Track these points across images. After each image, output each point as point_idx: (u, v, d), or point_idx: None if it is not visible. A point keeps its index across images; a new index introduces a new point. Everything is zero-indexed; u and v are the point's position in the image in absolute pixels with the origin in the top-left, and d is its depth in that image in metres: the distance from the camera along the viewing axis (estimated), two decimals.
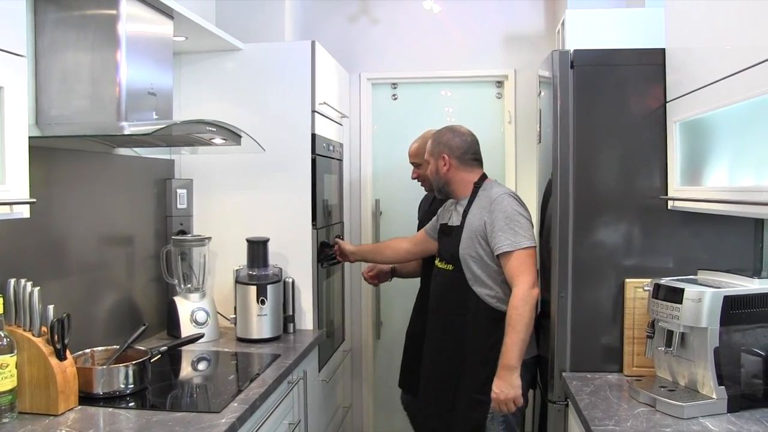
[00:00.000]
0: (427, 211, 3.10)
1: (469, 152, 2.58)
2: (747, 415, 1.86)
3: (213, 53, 3.05)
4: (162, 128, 1.96)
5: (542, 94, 2.70)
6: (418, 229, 3.02)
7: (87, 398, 1.94)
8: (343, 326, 3.85)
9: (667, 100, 2.22)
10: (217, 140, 2.39)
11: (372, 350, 4.09)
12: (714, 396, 1.88)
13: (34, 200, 1.58)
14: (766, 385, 1.90)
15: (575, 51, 2.32)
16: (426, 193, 3.21)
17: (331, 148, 3.41)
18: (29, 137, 1.62)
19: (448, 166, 2.56)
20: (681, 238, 2.27)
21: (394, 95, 4.05)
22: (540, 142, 2.78)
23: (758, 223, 2.23)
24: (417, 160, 2.98)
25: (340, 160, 3.72)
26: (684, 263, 2.23)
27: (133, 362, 2.04)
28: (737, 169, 1.86)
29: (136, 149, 2.71)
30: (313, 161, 3.04)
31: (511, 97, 3.86)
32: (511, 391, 2.33)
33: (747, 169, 1.79)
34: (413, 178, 3.07)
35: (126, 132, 2.01)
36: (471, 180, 2.58)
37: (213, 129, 2.13)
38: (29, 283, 1.83)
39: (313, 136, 3.03)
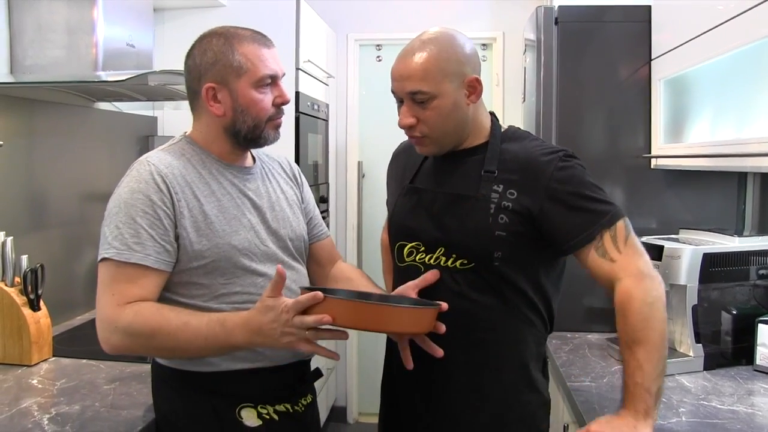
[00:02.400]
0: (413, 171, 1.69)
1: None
2: (722, 372, 1.87)
3: (195, 9, 3.00)
4: (136, 76, 1.93)
5: (527, 54, 2.67)
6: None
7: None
8: None
9: (652, 57, 2.19)
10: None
11: None
12: (691, 354, 1.88)
13: (1, 143, 1.55)
14: (739, 343, 1.90)
15: (560, 7, 2.29)
16: (402, 144, 1.81)
17: (316, 107, 3.37)
18: (1, 83, 1.58)
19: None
20: (664, 197, 2.27)
21: (378, 57, 4.00)
22: (524, 101, 2.76)
23: (741, 182, 2.23)
24: (425, 86, 1.44)
25: (326, 120, 3.68)
26: (667, 223, 2.22)
27: None
28: (719, 123, 1.84)
29: (116, 104, 2.67)
30: (297, 119, 3.00)
31: (500, 59, 3.81)
32: None
33: (728, 123, 1.77)
34: (406, 126, 1.50)
35: (101, 79, 1.99)
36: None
37: None
38: (2, 233, 1.81)
39: (297, 93, 2.99)
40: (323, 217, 3.57)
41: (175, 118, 3.03)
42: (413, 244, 1.54)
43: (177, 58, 2.90)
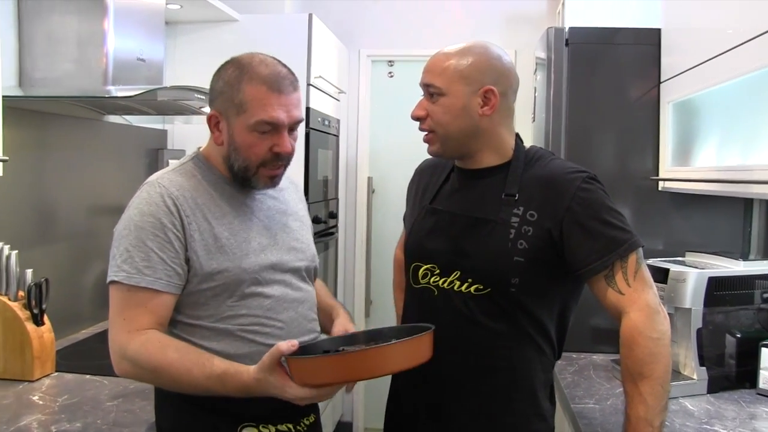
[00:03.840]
0: (434, 191, 1.65)
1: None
2: (726, 396, 1.86)
3: (209, 23, 3.03)
4: (146, 92, 1.95)
5: (537, 73, 2.67)
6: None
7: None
8: None
9: (661, 80, 2.19)
10: (207, 109, 2.37)
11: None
12: (695, 377, 1.86)
13: (7, 158, 1.57)
14: (743, 367, 1.89)
15: (570, 28, 2.30)
16: (427, 161, 1.76)
17: (327, 122, 3.39)
18: (8, 96, 1.60)
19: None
20: (671, 220, 2.26)
21: (390, 73, 4.02)
22: (534, 121, 2.76)
23: (747, 206, 2.22)
24: (437, 80, 1.48)
25: (337, 135, 3.70)
26: (674, 245, 2.21)
27: None
28: (725, 149, 1.84)
29: (126, 117, 2.70)
30: (307, 135, 3.02)
31: None
32: None
33: (734, 148, 1.77)
34: (415, 116, 1.52)
35: (111, 95, 2.00)
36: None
37: (202, 97, 2.11)
38: (6, 246, 1.82)
39: (308, 109, 3.01)
40: (332, 233, 3.61)
41: (186, 132, 3.05)
42: (428, 266, 1.53)
43: (188, 73, 2.96)
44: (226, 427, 1.42)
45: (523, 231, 1.42)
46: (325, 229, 3.45)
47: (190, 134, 3.04)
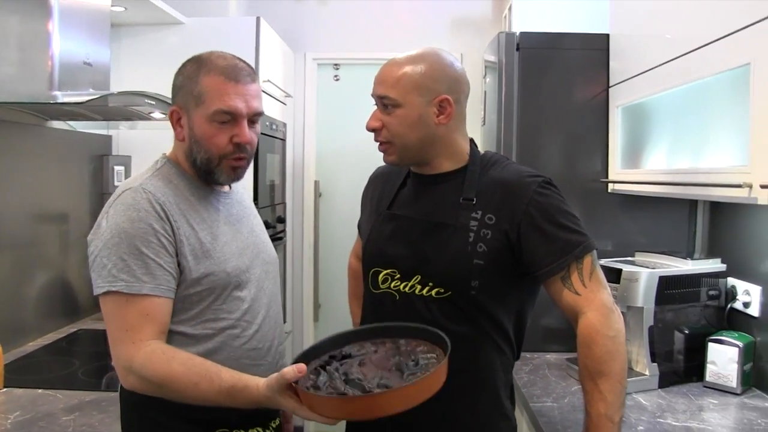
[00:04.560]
0: (391, 197, 1.64)
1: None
2: (675, 390, 1.94)
3: (154, 26, 2.96)
4: (97, 98, 1.89)
5: (487, 77, 2.71)
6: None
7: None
8: (284, 308, 3.82)
9: (610, 84, 2.26)
10: (157, 114, 2.33)
11: (312, 333, 4.07)
12: (647, 372, 1.93)
13: None
14: (691, 362, 1.97)
15: (521, 33, 2.34)
16: (381, 168, 1.75)
17: (275, 127, 3.36)
18: None
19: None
20: (620, 221, 2.33)
21: (336, 76, 4.02)
22: (484, 124, 2.80)
23: (692, 207, 2.30)
24: (392, 92, 1.46)
25: (284, 139, 3.67)
26: (622, 246, 2.28)
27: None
28: (675, 152, 1.91)
29: (70, 123, 2.61)
30: None
31: None
32: None
33: (684, 152, 1.84)
34: (370, 128, 1.52)
35: (59, 101, 1.92)
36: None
37: (152, 102, 2.07)
38: None
39: None
40: (280, 238, 3.58)
41: (131, 138, 2.97)
42: (389, 271, 1.53)
43: (134, 77, 2.90)
44: None
45: (482, 234, 1.44)
46: (273, 233, 3.42)
47: (135, 140, 2.97)
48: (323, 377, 1.26)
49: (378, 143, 1.53)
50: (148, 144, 2.97)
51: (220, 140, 1.40)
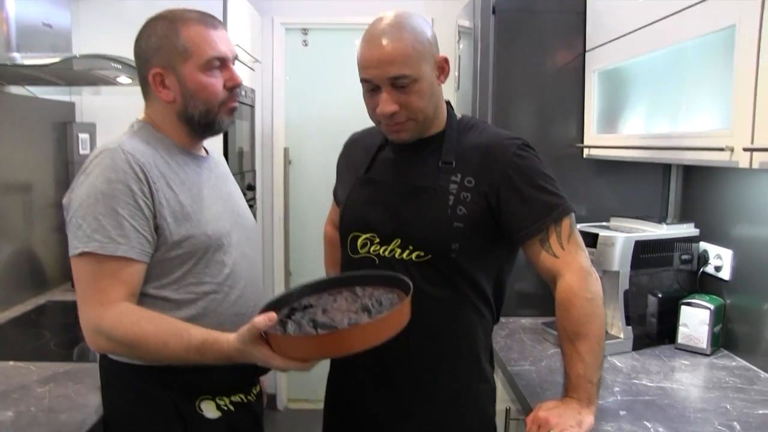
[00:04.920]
0: (368, 162, 1.62)
1: None
2: (648, 352, 1.97)
3: None
4: (61, 61, 1.82)
5: (461, 42, 2.68)
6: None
7: None
8: None
9: (587, 49, 2.25)
10: (123, 79, 2.25)
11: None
12: (621, 336, 1.96)
13: None
14: (663, 324, 2.00)
15: None
16: (356, 134, 1.75)
17: (243, 93, 3.28)
18: None
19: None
20: (594, 186, 2.34)
21: (304, 41, 3.94)
22: (458, 89, 2.78)
23: (666, 172, 2.32)
24: (407, 69, 1.39)
25: (252, 106, 3.60)
26: (597, 211, 2.29)
27: None
28: (653, 117, 1.91)
29: (30, 88, 2.51)
30: None
31: None
32: None
33: (663, 116, 1.84)
34: (391, 113, 1.42)
35: (18, 62, 1.84)
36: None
37: (118, 66, 1.99)
38: None
39: None
40: (250, 206, 3.53)
41: (94, 104, 2.87)
42: (368, 235, 1.52)
43: (96, 40, 2.79)
44: (183, 401, 1.41)
45: (462, 197, 1.44)
46: None
47: (100, 107, 2.87)
48: (291, 326, 1.25)
49: (385, 123, 1.46)
50: (113, 111, 2.85)
51: (216, 87, 1.41)
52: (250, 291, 1.50)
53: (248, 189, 3.49)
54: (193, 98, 1.40)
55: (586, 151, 2.28)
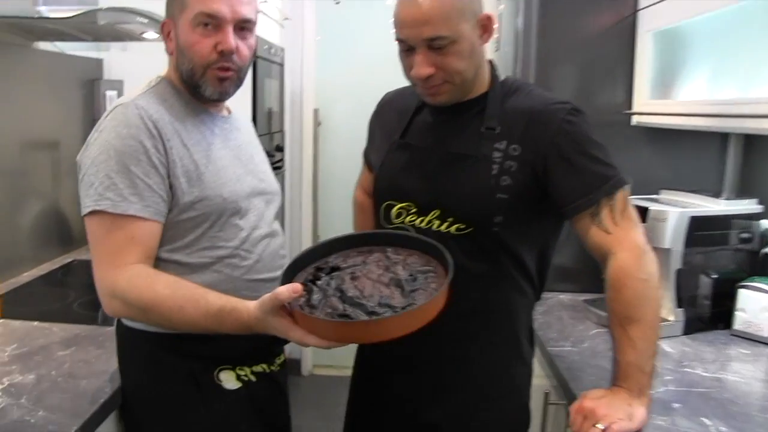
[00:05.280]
0: (403, 126, 1.50)
1: None
2: (701, 337, 1.84)
3: None
4: (84, 13, 1.74)
5: (503, 1, 2.54)
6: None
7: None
8: None
9: (639, 7, 2.09)
10: (149, 35, 2.16)
11: None
12: (671, 318, 1.84)
13: None
14: (718, 308, 1.87)
15: None
16: (390, 93, 1.62)
17: (272, 51, 3.18)
18: None
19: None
20: (643, 156, 2.19)
21: (337, 0, 3.81)
22: (498, 49, 2.64)
23: (723, 142, 2.17)
24: (444, 29, 1.27)
25: (282, 65, 3.50)
26: (646, 183, 2.13)
27: None
28: (715, 81, 1.76)
29: (57, 44, 2.44)
30: (254, 63, 2.81)
31: None
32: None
33: (726, 81, 1.69)
34: (426, 76, 1.31)
35: (44, 15, 1.78)
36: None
37: (144, 20, 1.90)
38: None
39: None
40: (278, 167, 3.45)
41: (123, 61, 2.80)
42: (404, 204, 1.42)
43: None
44: (201, 371, 1.35)
45: (506, 166, 1.33)
46: (271, 163, 3.28)
47: (128, 64, 2.79)
48: (316, 294, 1.16)
49: (421, 86, 1.35)
50: (141, 68, 2.72)
51: (203, 47, 1.30)
52: (270, 257, 1.42)
53: (276, 150, 3.41)
54: (182, 54, 1.33)
55: (635, 118, 2.13)
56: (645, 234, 1.34)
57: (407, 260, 1.24)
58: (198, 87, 1.34)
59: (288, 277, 1.20)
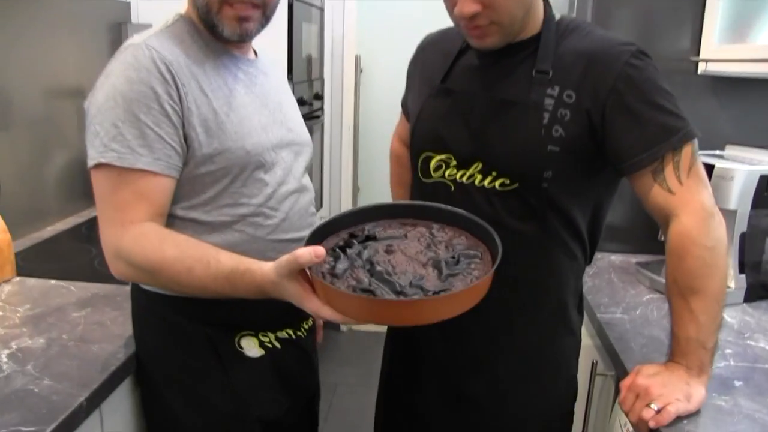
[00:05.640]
0: (445, 69, 1.36)
1: None
2: (764, 306, 1.70)
3: None
4: None
5: None
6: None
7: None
8: (321, 191, 3.63)
9: None
10: None
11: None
12: (732, 285, 1.69)
13: None
14: None
15: None
16: (431, 36, 1.49)
17: None
18: None
19: None
20: (708, 108, 2.01)
21: None
22: None
23: None
24: None
25: (321, 8, 3.35)
26: (709, 137, 1.94)
27: None
28: None
29: None
30: (290, 5, 2.68)
31: None
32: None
33: None
34: (471, 14, 1.16)
35: None
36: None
37: None
38: None
39: None
40: (317, 116, 3.33)
41: (151, 5, 2.68)
42: (443, 156, 1.29)
43: None
44: (221, 338, 1.26)
45: (559, 115, 1.18)
46: (309, 111, 3.18)
47: (157, 7, 2.67)
48: (343, 263, 1.04)
49: (465, 26, 1.20)
50: (170, 12, 2.69)
51: None
52: (298, 215, 1.30)
53: (315, 98, 3.29)
54: None
55: (701, 66, 1.94)
56: (712, 195, 1.20)
57: (453, 240, 1.12)
58: (215, 26, 1.21)
59: (315, 239, 1.09)
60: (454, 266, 1.04)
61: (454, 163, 1.27)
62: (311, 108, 3.22)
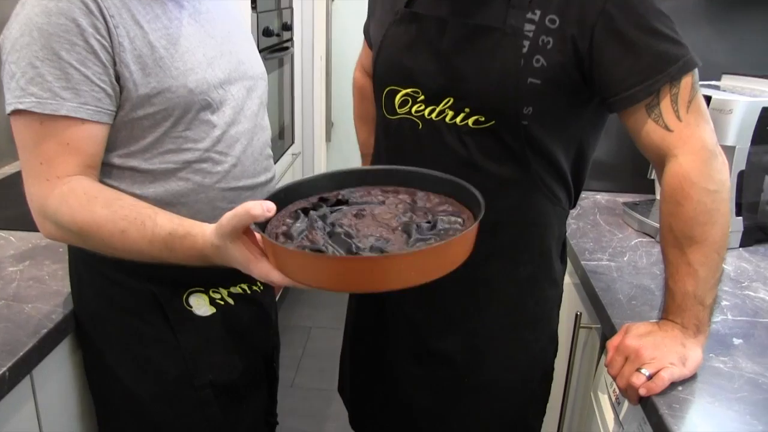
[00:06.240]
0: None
1: None
2: (762, 251, 1.59)
3: None
4: None
5: None
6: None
7: None
8: (293, 127, 3.45)
9: None
10: None
11: (324, 153, 3.74)
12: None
13: None
14: None
15: None
16: None
17: None
18: None
19: None
20: (701, 34, 1.86)
21: None
22: None
23: None
24: None
25: None
26: (704, 67, 1.83)
27: None
28: None
29: None
30: None
31: None
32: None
33: None
34: None
35: None
36: None
37: None
38: None
39: None
40: (286, 48, 3.13)
41: None
42: (409, 90, 1.13)
43: None
44: (168, 295, 1.13)
45: (541, 43, 1.03)
46: (278, 42, 2.97)
47: None
48: (301, 224, 0.91)
49: None
50: None
51: None
52: (252, 158, 1.16)
53: (284, 29, 3.08)
54: None
55: None
56: (714, 132, 1.06)
57: (437, 207, 0.98)
58: None
59: (279, 200, 0.94)
60: (429, 231, 0.90)
61: (422, 98, 1.12)
62: (280, 39, 3.01)
